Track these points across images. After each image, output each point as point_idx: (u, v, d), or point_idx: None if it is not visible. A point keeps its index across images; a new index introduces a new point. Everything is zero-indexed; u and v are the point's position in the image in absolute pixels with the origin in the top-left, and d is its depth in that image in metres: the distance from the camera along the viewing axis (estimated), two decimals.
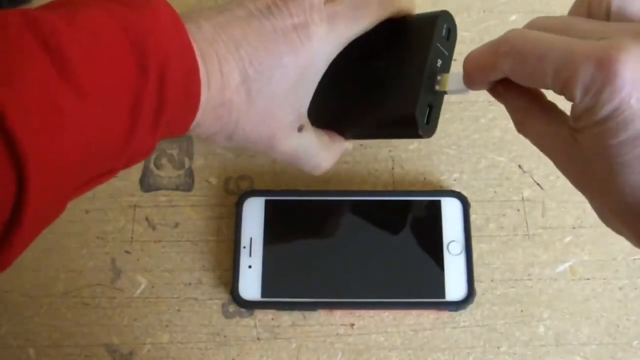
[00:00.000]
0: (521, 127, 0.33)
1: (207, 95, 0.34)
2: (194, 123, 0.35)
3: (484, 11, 0.56)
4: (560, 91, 0.28)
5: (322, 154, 0.41)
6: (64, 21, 0.29)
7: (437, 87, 0.37)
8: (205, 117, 0.35)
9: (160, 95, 0.31)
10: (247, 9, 0.36)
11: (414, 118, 0.36)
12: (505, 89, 0.33)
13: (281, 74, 0.36)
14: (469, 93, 0.35)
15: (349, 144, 0.44)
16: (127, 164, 0.34)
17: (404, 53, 0.38)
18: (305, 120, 0.39)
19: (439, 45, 0.38)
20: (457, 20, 0.46)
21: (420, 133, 0.37)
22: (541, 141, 0.32)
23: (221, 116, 0.36)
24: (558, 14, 0.56)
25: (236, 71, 0.35)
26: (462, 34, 0.55)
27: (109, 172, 0.33)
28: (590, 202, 0.31)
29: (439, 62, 0.38)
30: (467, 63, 0.33)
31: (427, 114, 0.37)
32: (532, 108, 0.32)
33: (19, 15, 0.29)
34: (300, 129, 0.38)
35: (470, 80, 0.33)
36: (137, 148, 0.32)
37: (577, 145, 0.29)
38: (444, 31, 0.38)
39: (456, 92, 0.36)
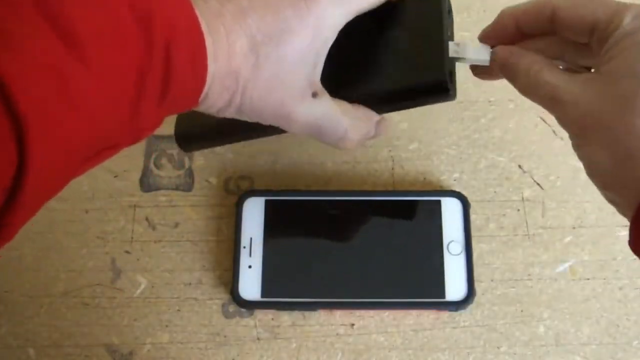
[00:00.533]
0: (536, 79, 0.35)
1: (214, 68, 0.34)
2: (202, 96, 0.35)
3: (484, 11, 0.56)
4: (608, 21, 0.32)
5: (346, 121, 0.39)
6: None
7: (456, 55, 0.39)
8: (213, 90, 0.35)
9: (165, 71, 0.31)
10: None
11: (445, 81, 0.38)
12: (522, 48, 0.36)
13: (289, 38, 0.35)
14: (487, 63, 0.38)
15: (379, 118, 0.41)
16: (134, 139, 0.33)
17: (417, 24, 0.39)
18: (319, 87, 0.38)
19: (446, 15, 0.40)
20: (457, 20, 0.46)
21: (452, 94, 0.38)
22: (556, 90, 0.33)
23: (229, 87, 0.35)
24: None
25: (244, 38, 0.35)
26: (462, 34, 0.55)
27: (114, 147, 0.33)
28: (594, 154, 0.32)
29: (448, 32, 0.40)
30: (508, 12, 0.37)
31: (450, 78, 0.39)
32: (546, 63, 0.35)
33: None
34: (314, 95, 0.37)
35: (502, 31, 0.37)
36: (142, 122, 0.32)
37: (599, 78, 0.31)
38: (447, 3, 0.40)
39: (476, 61, 0.39)
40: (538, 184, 0.50)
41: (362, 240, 0.46)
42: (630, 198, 0.30)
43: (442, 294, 0.45)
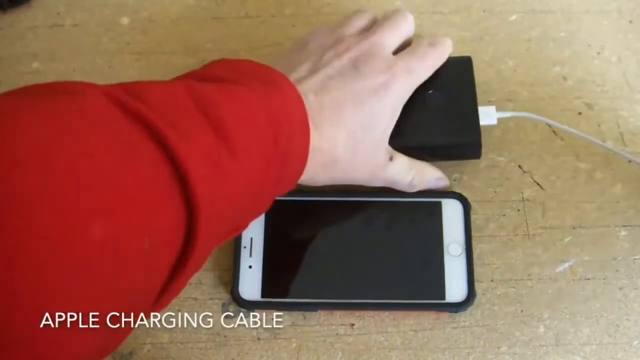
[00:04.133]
0: None
1: (318, 158, 0.41)
2: (302, 178, 0.42)
3: (484, 11, 0.56)
4: None
5: (412, 173, 0.46)
6: (223, 94, 0.36)
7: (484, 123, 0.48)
8: (313, 172, 0.42)
9: (283, 160, 0.38)
10: (334, 68, 0.43)
11: (480, 143, 0.47)
12: None
13: (376, 122, 0.43)
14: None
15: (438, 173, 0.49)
16: (254, 218, 0.41)
17: (453, 87, 0.48)
18: (391, 150, 0.45)
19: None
20: (457, 20, 0.46)
21: (480, 153, 0.48)
22: None
23: (329, 170, 0.43)
24: (558, 14, 0.57)
25: (343, 132, 0.42)
26: (462, 34, 0.55)
27: (241, 227, 0.41)
28: None
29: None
30: None
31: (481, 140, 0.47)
32: None
33: (184, 87, 0.36)
34: (391, 158, 0.45)
35: None
36: (263, 203, 0.40)
37: None
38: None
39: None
40: (538, 184, 0.50)
41: (363, 241, 0.46)
42: None
43: (442, 295, 0.45)
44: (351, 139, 0.42)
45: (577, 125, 0.51)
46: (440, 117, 0.48)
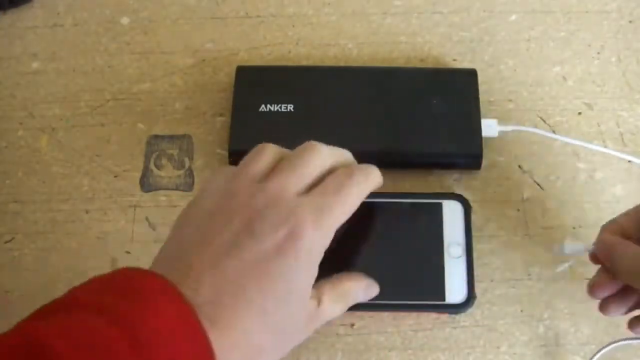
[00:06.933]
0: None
1: (236, 356, 0.34)
2: None
3: (484, 11, 0.56)
4: None
5: (342, 300, 0.41)
6: (64, 341, 0.30)
7: (485, 135, 0.50)
8: None
9: None
10: (226, 240, 0.36)
11: (481, 157, 0.48)
12: None
13: (292, 286, 0.36)
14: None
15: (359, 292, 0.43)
16: None
17: (456, 97, 0.50)
18: (314, 292, 0.39)
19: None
20: (457, 20, 0.46)
21: (481, 166, 0.49)
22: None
23: (247, 354, 0.35)
24: (558, 14, 0.57)
25: (253, 314, 0.35)
26: (461, 34, 0.55)
27: None
28: None
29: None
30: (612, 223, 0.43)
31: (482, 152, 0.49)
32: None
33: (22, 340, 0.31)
34: (319, 303, 0.39)
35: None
36: None
37: None
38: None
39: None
40: (538, 184, 0.50)
41: (363, 241, 0.46)
42: None
43: (442, 296, 0.44)
44: (267, 319, 0.35)
45: (577, 125, 0.51)
46: (444, 127, 0.49)
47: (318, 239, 0.37)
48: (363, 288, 0.43)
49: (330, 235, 0.38)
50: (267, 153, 0.40)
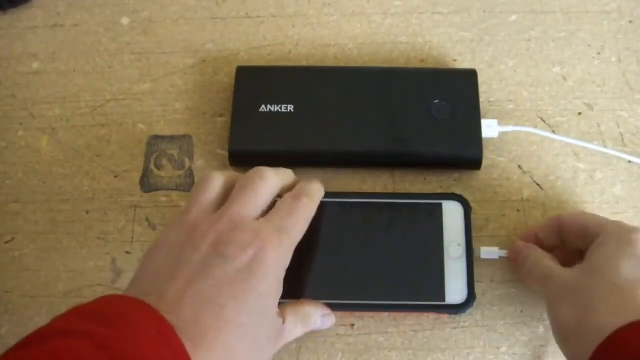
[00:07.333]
0: (538, 263, 0.44)
1: None
2: None
3: (484, 11, 0.56)
4: (594, 233, 0.42)
5: (300, 322, 0.43)
6: None
7: (485, 135, 0.50)
8: None
9: None
10: (197, 263, 0.38)
11: (480, 157, 0.49)
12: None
13: (265, 302, 0.38)
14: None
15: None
16: None
17: (456, 97, 0.50)
18: (279, 312, 0.41)
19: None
20: (457, 20, 0.46)
21: (480, 166, 0.49)
22: (549, 270, 0.43)
23: None
24: (558, 14, 0.57)
25: (233, 331, 0.36)
26: (462, 34, 0.55)
27: None
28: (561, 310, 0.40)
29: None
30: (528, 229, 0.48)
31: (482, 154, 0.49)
32: (547, 255, 0.45)
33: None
34: (283, 321, 0.41)
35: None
36: None
37: (579, 266, 0.41)
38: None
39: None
40: (538, 184, 0.50)
41: (363, 242, 0.46)
42: (585, 348, 0.37)
43: (442, 297, 0.44)
44: (247, 335, 0.37)
45: (577, 125, 0.51)
46: (444, 127, 0.49)
47: (281, 257, 0.40)
48: (320, 315, 0.44)
49: (290, 254, 0.41)
50: (215, 181, 0.42)
